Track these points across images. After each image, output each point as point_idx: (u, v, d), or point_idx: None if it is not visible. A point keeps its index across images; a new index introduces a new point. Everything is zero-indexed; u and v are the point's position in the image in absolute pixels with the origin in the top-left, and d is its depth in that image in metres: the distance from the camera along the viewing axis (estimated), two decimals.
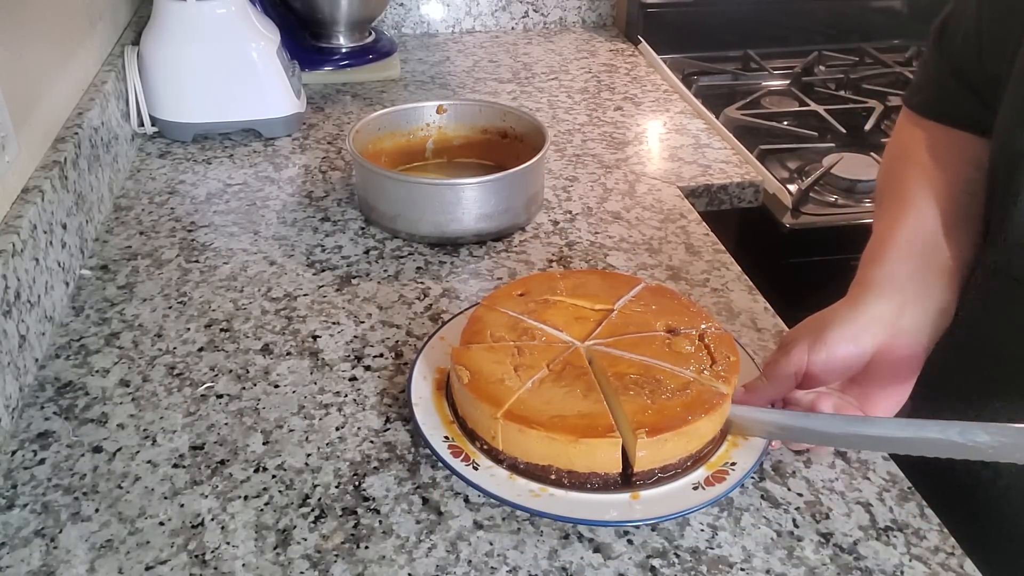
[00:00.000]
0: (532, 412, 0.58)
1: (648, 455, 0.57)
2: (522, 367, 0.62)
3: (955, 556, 0.56)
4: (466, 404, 0.61)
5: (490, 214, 0.87)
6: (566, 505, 0.56)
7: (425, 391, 0.65)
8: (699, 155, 1.08)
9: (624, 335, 0.65)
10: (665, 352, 0.64)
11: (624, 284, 0.71)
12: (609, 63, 1.38)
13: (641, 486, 0.58)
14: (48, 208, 0.76)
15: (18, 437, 0.64)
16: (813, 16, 1.48)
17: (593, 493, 0.57)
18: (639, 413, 0.58)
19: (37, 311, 0.71)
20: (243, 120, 1.09)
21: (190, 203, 0.95)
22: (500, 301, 0.69)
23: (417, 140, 1.00)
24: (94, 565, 0.54)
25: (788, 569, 0.55)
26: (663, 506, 0.57)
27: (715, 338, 0.65)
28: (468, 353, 0.63)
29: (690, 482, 0.58)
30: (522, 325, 0.66)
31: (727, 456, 0.60)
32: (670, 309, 0.68)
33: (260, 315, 0.78)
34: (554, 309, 0.68)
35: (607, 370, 0.62)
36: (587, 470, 0.58)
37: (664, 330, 0.66)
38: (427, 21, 1.49)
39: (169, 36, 1.03)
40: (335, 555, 0.55)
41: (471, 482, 0.57)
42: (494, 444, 0.59)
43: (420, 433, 0.61)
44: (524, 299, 0.69)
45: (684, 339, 0.65)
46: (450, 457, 0.59)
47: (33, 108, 0.80)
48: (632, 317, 0.67)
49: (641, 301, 0.69)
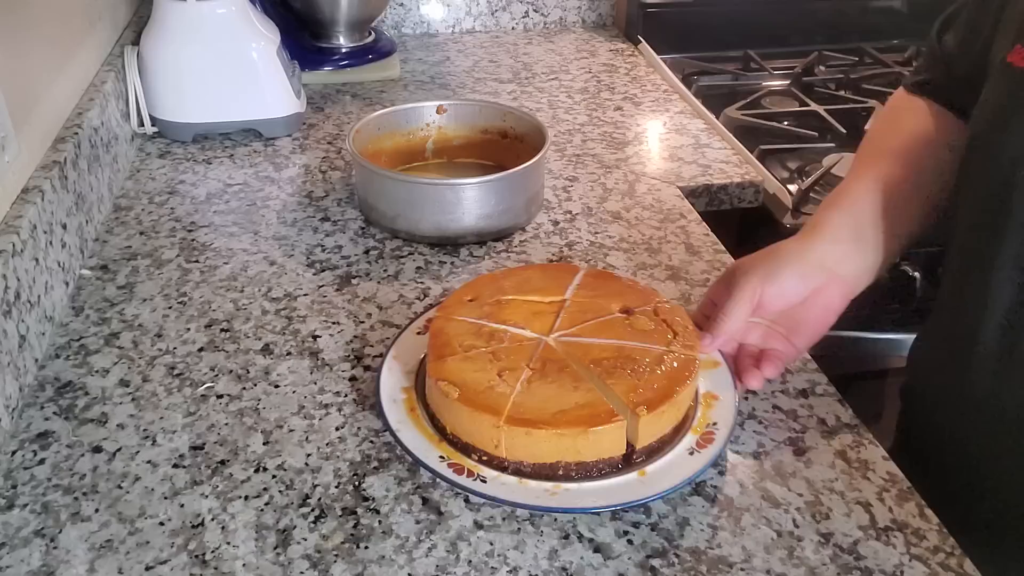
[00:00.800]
0: (533, 413, 0.58)
1: (648, 431, 0.59)
2: (504, 370, 0.62)
3: (955, 556, 0.56)
4: (460, 418, 0.60)
5: (490, 214, 0.87)
6: (587, 496, 0.57)
7: (400, 414, 0.63)
8: (699, 155, 1.08)
9: (585, 322, 0.67)
10: (629, 332, 0.65)
11: (565, 273, 0.72)
12: (609, 63, 1.38)
13: (643, 463, 0.60)
14: (48, 208, 0.76)
15: (18, 437, 0.64)
16: (813, 16, 1.48)
17: (602, 480, 0.59)
18: (631, 392, 0.60)
19: (37, 311, 0.71)
20: (243, 120, 1.08)
21: (190, 203, 0.95)
22: (454, 310, 0.68)
23: (417, 140, 1.00)
24: (94, 565, 0.54)
25: (788, 569, 0.55)
26: (671, 476, 0.58)
27: (668, 311, 0.68)
28: (446, 367, 0.62)
29: (684, 449, 0.61)
30: (485, 329, 0.66)
31: (706, 419, 0.63)
32: (618, 291, 0.70)
33: (260, 315, 0.78)
34: (510, 308, 0.68)
35: (583, 359, 0.63)
36: (595, 458, 0.59)
37: (620, 311, 0.68)
38: (427, 21, 1.49)
39: (169, 36, 1.03)
40: (335, 555, 0.55)
41: (486, 495, 0.57)
42: (496, 453, 0.59)
43: (416, 460, 0.59)
44: (476, 304, 0.68)
45: (641, 317, 0.67)
46: (454, 475, 0.58)
47: (33, 108, 0.80)
48: (586, 304, 0.69)
49: (588, 287, 0.71)
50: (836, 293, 0.67)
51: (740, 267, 0.67)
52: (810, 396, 0.69)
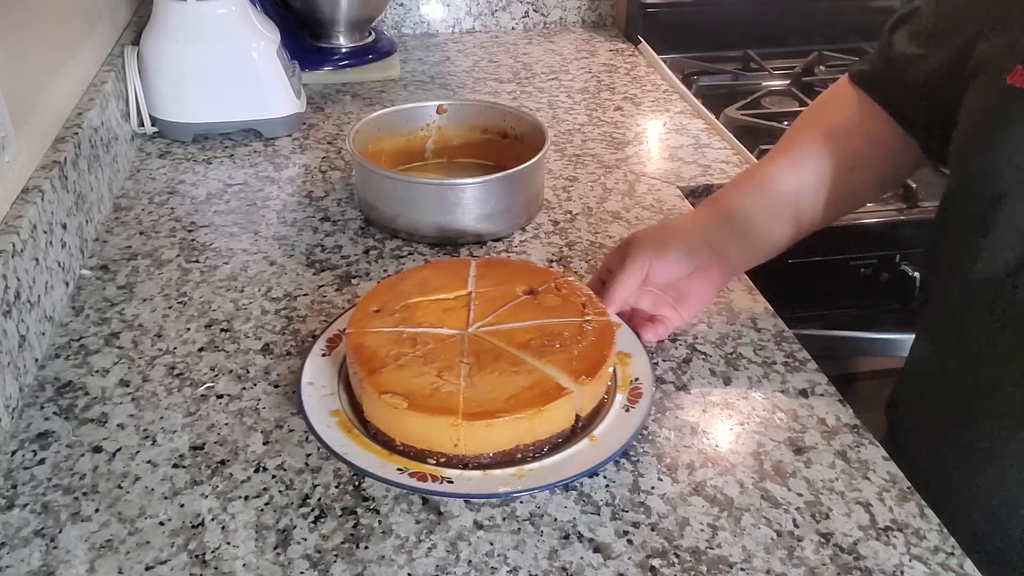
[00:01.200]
0: (487, 404, 0.59)
1: (590, 397, 0.62)
2: (442, 370, 0.61)
3: (955, 556, 0.56)
4: (414, 426, 0.59)
5: (490, 214, 0.87)
6: (552, 472, 0.59)
7: (340, 438, 0.60)
8: (699, 155, 1.08)
9: (498, 310, 0.68)
10: (542, 310, 0.68)
11: (459, 267, 0.73)
12: (609, 63, 1.38)
13: (588, 428, 0.62)
14: (48, 208, 0.76)
15: (18, 437, 0.64)
16: (813, 16, 1.48)
17: (559, 453, 0.60)
18: (568, 365, 0.62)
19: (37, 311, 0.71)
20: (243, 120, 1.09)
21: (190, 203, 0.95)
22: (365, 323, 0.66)
23: (417, 140, 1.00)
24: (94, 565, 0.54)
25: (788, 569, 0.55)
26: (620, 434, 0.61)
27: (567, 285, 0.70)
28: (384, 379, 0.60)
29: (619, 407, 0.64)
30: (405, 335, 0.65)
31: (627, 376, 0.66)
32: (515, 275, 0.72)
33: (260, 315, 0.78)
34: (420, 310, 0.68)
35: (510, 344, 0.64)
36: (549, 434, 0.60)
37: (525, 293, 0.70)
38: (427, 21, 1.49)
39: (169, 36, 1.03)
40: (335, 555, 0.55)
41: (455, 495, 0.57)
42: (455, 452, 0.59)
43: (377, 479, 0.58)
44: (384, 313, 0.67)
45: (547, 295, 0.69)
46: (419, 484, 0.57)
47: (33, 108, 0.80)
48: (491, 292, 0.70)
49: (487, 277, 0.72)
50: (718, 272, 0.73)
51: (635, 239, 0.72)
52: (810, 396, 0.69)
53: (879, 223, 1.01)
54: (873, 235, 1.02)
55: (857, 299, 1.06)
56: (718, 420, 0.66)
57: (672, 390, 0.69)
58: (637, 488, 0.60)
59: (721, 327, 0.77)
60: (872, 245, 1.02)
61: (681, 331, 0.75)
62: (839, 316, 1.05)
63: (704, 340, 0.75)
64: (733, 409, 0.68)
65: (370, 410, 0.62)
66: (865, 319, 1.06)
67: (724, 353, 0.73)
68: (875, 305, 1.05)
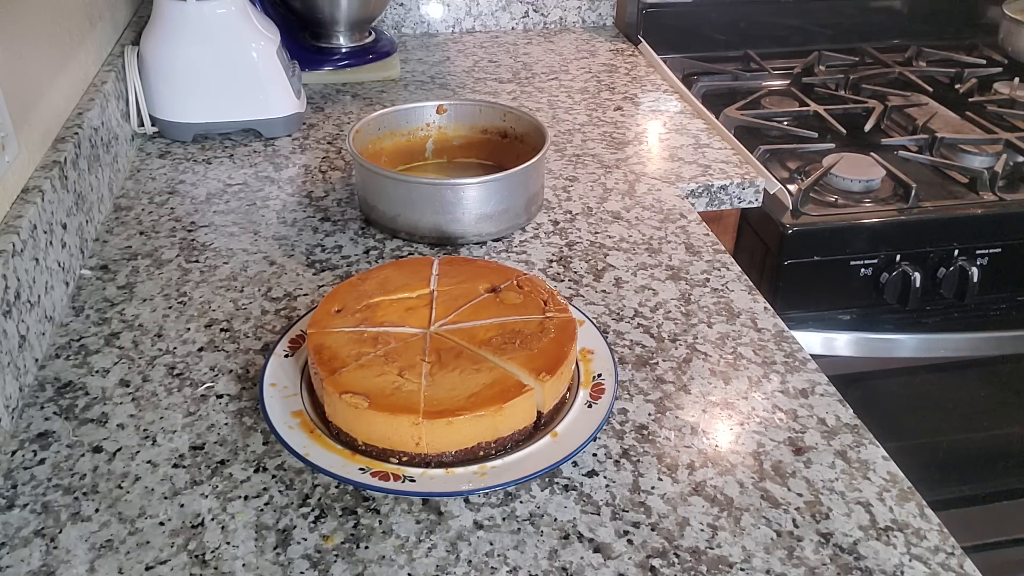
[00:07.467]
0: (448, 402, 0.59)
1: (552, 394, 0.63)
2: (403, 369, 0.62)
3: (955, 556, 0.56)
4: (375, 426, 0.59)
5: (490, 214, 0.87)
6: (514, 469, 0.59)
7: (302, 439, 0.60)
8: (699, 155, 1.08)
9: (459, 308, 0.68)
10: (503, 308, 0.68)
11: (421, 266, 0.73)
12: (609, 63, 1.38)
13: (550, 425, 0.62)
14: (48, 208, 0.76)
15: (18, 437, 0.64)
16: (813, 16, 1.48)
17: (521, 450, 0.60)
18: (529, 363, 0.62)
19: (37, 311, 0.71)
20: (243, 120, 1.09)
21: (190, 203, 0.95)
22: (326, 323, 0.66)
23: (417, 140, 1.00)
24: (94, 565, 0.55)
25: (788, 569, 0.55)
26: (581, 430, 0.61)
27: (528, 282, 0.71)
28: (345, 379, 0.60)
29: (582, 403, 0.64)
30: (367, 335, 0.65)
31: (589, 372, 0.67)
32: (478, 273, 0.73)
33: (260, 315, 0.78)
34: (381, 310, 0.68)
35: (471, 342, 0.64)
36: (510, 431, 0.61)
37: (487, 291, 0.70)
38: (427, 21, 1.49)
39: (169, 36, 1.03)
40: (335, 555, 0.55)
41: (419, 493, 0.57)
42: (417, 450, 0.59)
43: (339, 479, 0.58)
44: (346, 313, 0.67)
45: (509, 292, 0.70)
46: (381, 483, 0.57)
47: (33, 108, 0.80)
48: (454, 291, 0.70)
49: (449, 275, 0.72)
50: None
51: None
52: (810, 396, 0.69)
53: (879, 223, 1.01)
54: (873, 235, 1.02)
55: (857, 299, 1.06)
56: (718, 420, 0.66)
57: (672, 390, 0.69)
58: (637, 488, 0.60)
59: (721, 327, 0.77)
60: (872, 245, 1.02)
61: (681, 331, 0.76)
62: (839, 316, 1.05)
63: (704, 340, 0.75)
64: (733, 409, 0.68)
65: (332, 410, 0.62)
66: (865, 319, 1.06)
67: (724, 353, 0.73)
68: (875, 305, 1.05)
